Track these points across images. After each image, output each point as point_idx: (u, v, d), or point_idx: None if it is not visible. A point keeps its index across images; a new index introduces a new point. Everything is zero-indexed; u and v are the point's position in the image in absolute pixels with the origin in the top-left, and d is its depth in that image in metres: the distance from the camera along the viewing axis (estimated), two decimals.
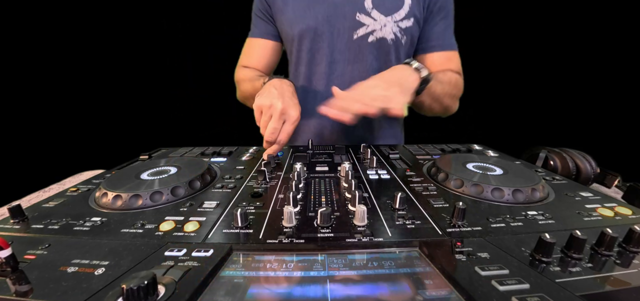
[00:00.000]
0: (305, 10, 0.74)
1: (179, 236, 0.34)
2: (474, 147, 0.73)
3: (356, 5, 0.73)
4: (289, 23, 0.77)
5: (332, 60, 0.77)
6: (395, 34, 0.74)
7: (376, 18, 0.73)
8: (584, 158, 0.58)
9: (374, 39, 0.74)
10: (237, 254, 0.31)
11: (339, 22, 0.74)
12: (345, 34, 0.75)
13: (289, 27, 0.78)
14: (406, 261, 0.30)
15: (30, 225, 0.37)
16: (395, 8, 0.73)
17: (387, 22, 0.73)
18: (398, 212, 0.39)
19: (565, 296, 0.23)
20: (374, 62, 0.77)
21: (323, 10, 0.73)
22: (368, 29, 0.74)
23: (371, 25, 0.73)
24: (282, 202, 0.42)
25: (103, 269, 0.27)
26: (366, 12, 0.73)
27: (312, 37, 0.76)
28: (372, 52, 0.76)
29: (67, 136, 1.51)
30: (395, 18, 0.73)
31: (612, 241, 0.29)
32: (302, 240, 0.32)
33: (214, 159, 0.64)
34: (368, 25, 0.73)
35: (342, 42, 0.76)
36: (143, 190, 0.43)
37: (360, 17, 0.73)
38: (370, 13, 0.73)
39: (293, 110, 0.58)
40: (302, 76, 0.82)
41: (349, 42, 0.75)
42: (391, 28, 0.74)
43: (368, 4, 0.72)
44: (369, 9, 0.72)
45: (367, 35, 0.74)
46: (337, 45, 0.76)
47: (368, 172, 0.55)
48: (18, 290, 0.25)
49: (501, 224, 0.36)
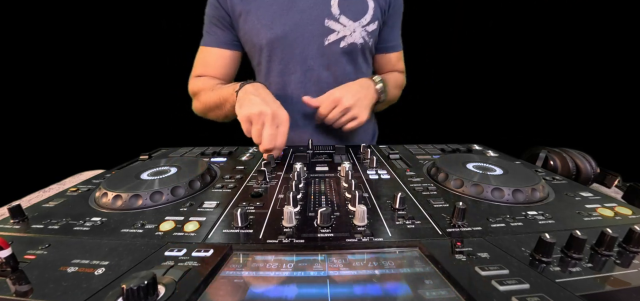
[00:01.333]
0: (273, 19, 0.73)
1: (179, 236, 0.34)
2: (474, 147, 0.73)
3: (323, 11, 0.73)
4: (255, 32, 0.75)
5: (306, 68, 0.77)
6: (364, 38, 0.77)
7: (345, 24, 0.75)
8: (584, 158, 0.58)
9: (345, 44, 0.76)
10: (237, 254, 0.31)
11: (308, 29, 0.74)
12: (316, 40, 0.75)
13: (255, 37, 0.76)
14: (406, 261, 0.30)
15: (30, 225, 0.37)
16: (361, 13, 0.75)
17: (356, 27, 0.75)
18: (398, 212, 0.39)
19: (565, 296, 0.23)
20: (346, 65, 0.79)
21: (291, 17, 0.73)
22: (339, 35, 0.75)
23: (341, 31, 0.75)
24: (282, 202, 0.42)
25: (103, 269, 0.27)
26: (334, 18, 0.74)
27: (283, 45, 0.75)
28: (344, 57, 0.78)
29: (67, 136, 1.51)
30: (363, 23, 0.76)
31: (612, 241, 0.29)
32: (302, 240, 0.32)
33: (214, 159, 0.64)
34: (338, 31, 0.75)
35: (313, 49, 0.76)
36: (143, 190, 0.43)
37: (329, 23, 0.74)
38: (338, 19, 0.74)
39: (282, 110, 0.58)
40: (275, 85, 0.80)
41: (321, 48, 0.76)
42: (360, 33, 0.76)
43: (335, 10, 0.74)
44: (336, 15, 0.74)
45: (339, 40, 0.76)
46: (310, 51, 0.76)
47: (368, 172, 0.55)
48: (18, 290, 0.25)
49: (501, 224, 0.36)
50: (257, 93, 0.61)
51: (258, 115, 0.56)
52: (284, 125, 0.58)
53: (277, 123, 0.57)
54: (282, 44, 0.75)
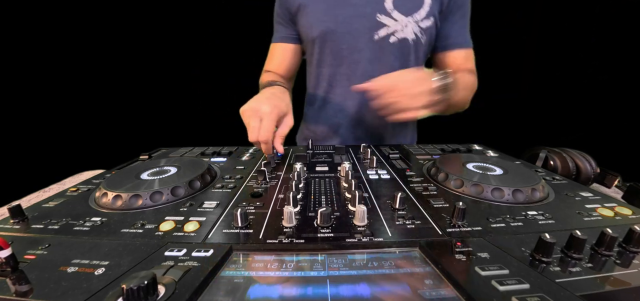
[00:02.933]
0: (325, 13, 0.75)
1: (179, 236, 0.34)
2: (474, 147, 0.73)
3: (376, 6, 0.73)
4: (309, 25, 0.78)
5: (353, 61, 0.78)
6: (416, 34, 0.75)
7: (397, 19, 0.73)
8: (584, 158, 0.58)
9: (395, 40, 0.75)
10: (237, 254, 0.31)
11: (359, 23, 0.74)
12: (365, 34, 0.75)
13: (309, 29, 0.79)
14: (406, 261, 0.30)
15: (30, 225, 0.37)
16: (415, 8, 0.73)
17: (408, 22, 0.74)
18: (398, 212, 0.39)
19: (565, 296, 0.23)
20: (395, 62, 0.77)
21: (342, 12, 0.74)
22: (389, 30, 0.74)
23: (392, 25, 0.74)
24: (282, 202, 0.42)
25: (103, 269, 0.27)
26: (387, 13, 0.73)
27: (332, 38, 0.77)
28: (394, 52, 0.77)
29: (67, 136, 1.51)
30: (416, 18, 0.74)
31: (612, 242, 0.29)
32: (302, 240, 0.32)
33: (214, 159, 0.64)
34: (389, 25, 0.74)
35: (362, 43, 0.76)
36: (143, 190, 0.43)
37: (380, 18, 0.73)
38: (391, 14, 0.73)
39: (264, 106, 0.59)
40: (326, 76, 0.83)
41: (369, 42, 0.76)
42: (412, 28, 0.74)
43: (388, 5, 0.73)
44: (389, 9, 0.73)
45: (389, 35, 0.75)
46: (358, 45, 0.76)
47: (368, 172, 0.55)
48: (18, 290, 0.25)
49: (501, 224, 0.36)
50: (260, 95, 0.65)
51: (245, 111, 0.60)
52: (266, 118, 0.58)
53: (260, 117, 0.58)
54: (331, 37, 0.76)
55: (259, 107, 0.59)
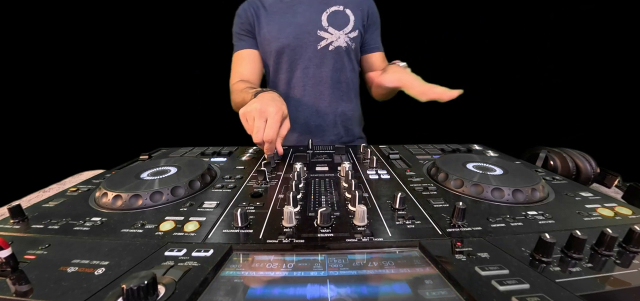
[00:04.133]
0: (279, 32, 0.97)
1: (179, 236, 0.34)
2: (474, 147, 0.73)
3: (315, 24, 0.97)
4: (267, 41, 0.98)
5: (305, 66, 1.00)
6: (347, 43, 1.00)
7: (332, 33, 0.98)
8: (584, 158, 0.58)
9: (333, 48, 0.99)
10: (237, 254, 0.31)
11: (305, 38, 0.97)
12: (312, 46, 0.98)
13: (267, 44, 0.98)
14: (406, 261, 0.30)
15: (30, 225, 0.37)
16: (343, 24, 0.99)
17: (340, 34, 0.98)
18: (398, 212, 0.39)
19: (565, 296, 0.23)
20: (335, 63, 1.01)
21: (292, 30, 0.96)
22: (328, 41, 0.98)
23: (329, 37, 0.98)
24: (282, 202, 0.42)
25: (103, 269, 0.27)
26: (324, 29, 0.98)
27: (288, 51, 0.98)
28: (333, 57, 1.00)
29: (67, 136, 1.51)
30: (346, 31, 0.99)
31: (612, 242, 0.29)
32: (302, 240, 0.32)
33: (214, 159, 0.64)
34: (327, 38, 0.98)
35: (311, 52, 0.98)
36: (143, 190, 0.43)
37: (320, 33, 0.97)
38: (327, 29, 0.98)
39: (271, 106, 0.61)
40: (283, 81, 1.02)
41: (315, 51, 0.98)
42: (344, 39, 0.99)
43: (324, 22, 0.98)
44: (325, 26, 0.98)
45: (328, 45, 0.98)
46: (308, 54, 0.98)
47: (368, 172, 0.55)
48: (18, 290, 0.25)
49: (501, 224, 0.36)
50: (259, 95, 0.68)
51: (248, 112, 0.61)
52: (271, 118, 0.60)
53: (265, 117, 0.60)
54: (287, 50, 0.98)
55: (265, 107, 0.61)
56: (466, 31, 1.53)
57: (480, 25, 1.51)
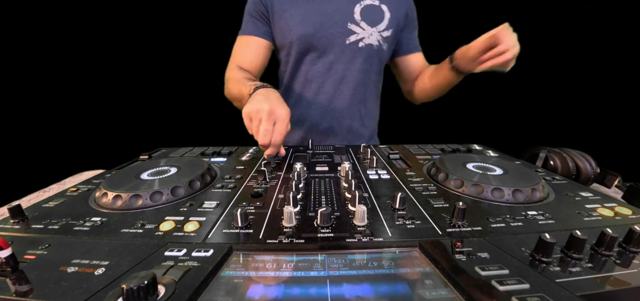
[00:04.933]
0: (303, 18, 0.86)
1: (179, 236, 0.34)
2: (474, 147, 0.73)
3: (347, 16, 0.87)
4: (288, 28, 0.87)
5: (330, 61, 0.90)
6: (379, 41, 0.91)
7: (364, 28, 0.88)
8: (584, 158, 0.58)
9: (363, 45, 0.89)
10: (237, 254, 0.31)
11: (332, 28, 0.87)
12: (338, 38, 0.88)
13: (287, 31, 0.88)
14: (406, 261, 0.30)
15: (30, 225, 0.37)
16: (378, 21, 0.90)
17: (373, 32, 0.89)
18: (398, 212, 0.39)
19: (565, 296, 0.23)
20: (363, 63, 0.91)
21: (318, 18, 0.86)
22: (358, 37, 0.89)
23: (361, 33, 0.88)
24: (282, 202, 0.42)
25: (103, 269, 0.27)
26: (356, 23, 0.88)
27: (311, 41, 0.87)
28: (362, 54, 0.90)
29: (67, 136, 1.51)
30: (379, 28, 0.90)
31: (612, 242, 0.29)
32: (302, 240, 0.32)
33: (214, 159, 0.64)
34: (358, 33, 0.88)
35: (338, 46, 0.88)
36: (143, 190, 0.43)
37: (351, 26, 0.87)
38: (359, 23, 0.88)
39: (280, 109, 0.59)
40: (301, 74, 0.92)
41: (342, 46, 0.88)
42: (376, 37, 0.90)
43: (357, 16, 0.88)
44: (358, 20, 0.88)
45: (358, 41, 0.89)
46: (333, 47, 0.88)
47: (368, 172, 0.55)
48: (18, 290, 0.25)
49: (501, 224, 0.36)
50: (263, 93, 0.63)
51: (256, 112, 0.58)
52: (280, 122, 0.58)
53: (274, 119, 0.58)
54: (310, 40, 0.87)
55: (274, 109, 0.58)
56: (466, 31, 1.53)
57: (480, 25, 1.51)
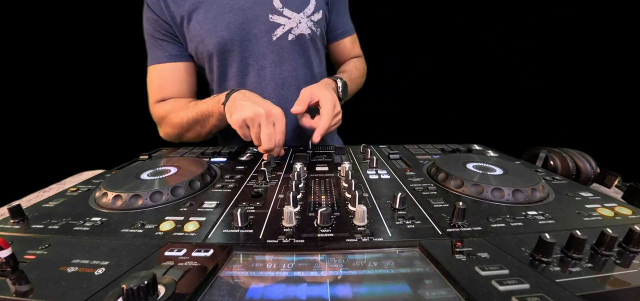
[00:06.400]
0: (215, 23, 0.70)
1: (179, 236, 0.34)
2: (474, 147, 0.73)
3: (266, 6, 0.72)
4: (200, 39, 0.72)
5: (259, 67, 0.75)
6: (311, 28, 0.76)
7: (289, 16, 0.74)
8: (584, 158, 0.58)
9: (293, 37, 0.75)
10: (237, 254, 0.31)
11: (254, 27, 0.72)
12: (264, 36, 0.73)
13: (200, 43, 0.72)
14: (406, 261, 0.30)
15: (30, 225, 0.37)
16: (303, 4, 0.75)
17: (301, 18, 0.74)
18: (398, 212, 0.39)
19: (565, 296, 0.23)
20: (299, 58, 0.78)
21: (233, 19, 0.70)
22: (285, 29, 0.74)
23: (287, 23, 0.74)
24: (282, 202, 0.42)
25: (103, 269, 0.27)
26: (278, 12, 0.73)
27: (231, 48, 0.72)
28: (295, 49, 0.77)
29: (67, 136, 1.51)
30: (307, 13, 0.75)
31: (612, 241, 0.29)
32: (302, 240, 0.32)
33: (214, 159, 0.64)
34: (284, 24, 0.73)
35: (263, 46, 0.74)
36: (143, 190, 0.43)
37: (273, 18, 0.72)
38: (282, 12, 0.73)
39: (275, 108, 0.57)
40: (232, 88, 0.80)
41: (270, 44, 0.74)
42: (306, 23, 0.75)
43: (277, 3, 0.72)
44: (279, 8, 0.72)
45: (286, 34, 0.74)
46: (260, 49, 0.74)
47: (368, 172, 0.55)
48: (18, 290, 0.25)
49: (501, 224, 0.36)
50: (246, 98, 0.60)
51: (253, 118, 0.56)
52: (279, 122, 0.57)
53: (273, 121, 0.57)
54: (231, 47, 0.72)
55: (271, 110, 0.56)
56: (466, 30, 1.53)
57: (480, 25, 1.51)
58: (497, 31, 1.49)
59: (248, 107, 0.56)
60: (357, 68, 0.90)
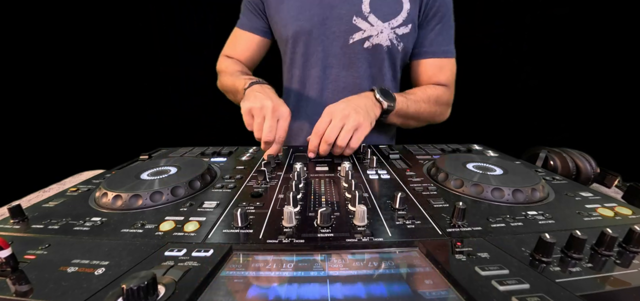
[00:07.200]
0: (300, 11, 0.72)
1: (179, 236, 0.34)
2: (474, 147, 0.73)
3: (353, 7, 0.70)
4: (284, 23, 0.75)
5: (326, 65, 0.75)
6: (391, 41, 0.73)
7: (373, 23, 0.71)
8: (584, 158, 0.58)
9: (369, 45, 0.73)
10: (237, 254, 0.31)
11: (335, 25, 0.72)
12: (340, 37, 0.73)
13: (283, 27, 0.76)
14: (406, 261, 0.30)
15: (30, 225, 0.37)
16: (393, 14, 0.70)
17: (384, 28, 0.71)
18: (398, 212, 0.39)
19: (565, 296, 0.23)
20: (367, 68, 0.75)
21: (318, 11, 0.71)
22: (364, 34, 0.72)
23: (368, 30, 0.71)
24: (282, 202, 0.42)
25: (103, 269, 0.27)
26: (363, 16, 0.70)
27: (306, 39, 0.74)
28: (367, 58, 0.74)
29: (67, 136, 1.51)
30: (393, 24, 0.71)
31: (612, 241, 0.29)
32: (302, 240, 0.32)
33: (214, 159, 0.64)
34: (364, 30, 0.71)
35: (337, 46, 0.73)
36: (143, 190, 0.43)
37: (356, 21, 0.71)
38: (367, 17, 0.70)
39: (283, 106, 0.58)
40: (296, 79, 0.80)
41: (344, 46, 0.73)
42: (387, 34, 0.72)
43: (365, 7, 0.70)
44: (366, 13, 0.70)
45: (363, 40, 0.72)
46: (332, 49, 0.74)
47: (368, 172, 0.55)
48: (18, 290, 0.25)
49: (501, 224, 0.36)
50: (261, 91, 0.62)
51: (259, 108, 0.57)
52: (284, 119, 0.58)
53: (278, 116, 0.58)
54: (305, 38, 0.73)
55: (278, 106, 0.57)
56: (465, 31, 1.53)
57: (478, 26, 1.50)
58: (495, 31, 1.49)
59: (258, 99, 0.58)
60: (424, 91, 0.75)
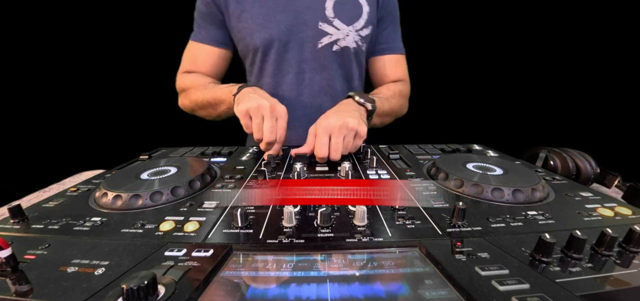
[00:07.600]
0: (266, 19, 0.72)
1: (179, 236, 0.34)
2: (474, 147, 0.73)
3: (317, 13, 0.73)
4: (249, 32, 0.74)
5: (299, 70, 0.77)
6: (357, 43, 0.76)
7: (339, 28, 0.74)
8: (584, 158, 0.58)
9: (338, 48, 0.76)
10: (237, 254, 0.31)
11: (302, 31, 0.74)
12: (309, 42, 0.75)
13: (248, 37, 0.75)
14: (406, 261, 0.30)
15: (30, 225, 0.37)
16: (355, 17, 0.74)
17: (349, 31, 0.75)
18: (398, 212, 0.39)
19: (565, 296, 0.23)
20: (338, 69, 0.78)
21: (284, 18, 0.72)
22: (331, 39, 0.75)
23: (334, 34, 0.74)
24: None
25: (103, 269, 0.27)
26: (328, 21, 0.73)
27: (276, 47, 0.74)
28: (337, 60, 0.77)
29: (67, 136, 1.51)
30: (356, 27, 0.75)
31: (612, 241, 0.29)
32: (302, 240, 0.32)
33: (214, 159, 0.64)
34: (331, 34, 0.74)
35: (307, 51, 0.76)
36: (143, 190, 0.43)
37: (322, 26, 0.73)
38: (332, 22, 0.74)
39: (280, 105, 0.58)
40: (267, 87, 0.79)
41: (314, 51, 0.75)
42: (353, 37, 0.75)
43: (329, 12, 0.73)
44: (330, 17, 0.73)
45: (331, 44, 0.75)
46: (304, 54, 0.76)
47: (368, 172, 0.55)
48: (18, 290, 0.25)
49: (501, 224, 0.36)
50: (255, 92, 0.63)
51: (257, 109, 0.57)
52: (282, 118, 0.58)
53: (276, 116, 0.58)
54: (276, 45, 0.74)
55: (276, 106, 0.57)
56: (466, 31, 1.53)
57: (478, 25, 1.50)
58: (495, 31, 1.49)
59: (254, 99, 0.58)
60: (388, 88, 0.81)
